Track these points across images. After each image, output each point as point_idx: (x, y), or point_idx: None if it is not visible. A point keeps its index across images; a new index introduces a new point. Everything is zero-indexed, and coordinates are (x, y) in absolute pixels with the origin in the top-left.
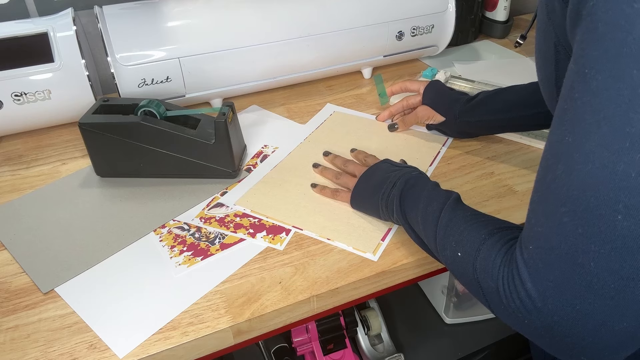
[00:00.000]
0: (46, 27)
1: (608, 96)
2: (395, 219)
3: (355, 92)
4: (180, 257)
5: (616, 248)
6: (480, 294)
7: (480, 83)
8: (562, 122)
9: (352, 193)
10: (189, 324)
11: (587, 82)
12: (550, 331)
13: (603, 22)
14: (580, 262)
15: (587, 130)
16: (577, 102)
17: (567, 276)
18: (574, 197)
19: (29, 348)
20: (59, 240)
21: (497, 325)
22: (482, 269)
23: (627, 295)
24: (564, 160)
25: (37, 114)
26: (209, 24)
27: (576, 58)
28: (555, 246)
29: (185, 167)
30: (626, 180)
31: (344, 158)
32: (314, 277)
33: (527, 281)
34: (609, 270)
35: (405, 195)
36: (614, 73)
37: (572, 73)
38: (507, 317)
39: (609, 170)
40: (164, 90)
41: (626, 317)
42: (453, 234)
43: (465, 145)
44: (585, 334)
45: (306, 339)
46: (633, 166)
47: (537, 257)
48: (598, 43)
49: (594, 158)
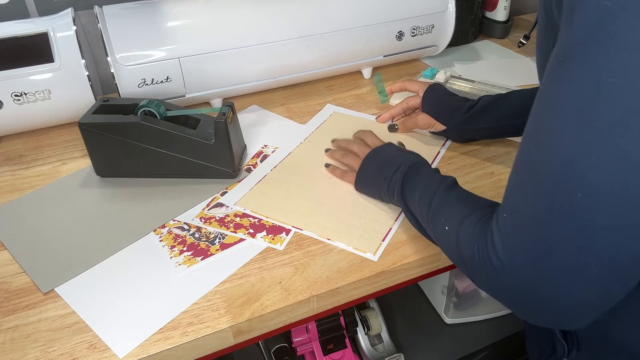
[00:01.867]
0: (46, 27)
1: (580, 82)
2: (396, 200)
3: (355, 92)
4: (180, 257)
5: (573, 221)
6: (461, 262)
7: (480, 83)
8: (540, 104)
9: (357, 174)
10: (189, 324)
11: (562, 67)
12: (516, 292)
13: (579, 16)
14: (542, 230)
15: (560, 112)
16: (553, 85)
17: (531, 242)
18: (543, 172)
19: (29, 348)
20: (59, 240)
21: (497, 325)
22: (463, 238)
23: (581, 264)
24: (537, 139)
25: (37, 114)
26: (209, 24)
27: (556, 49)
28: (522, 216)
29: (185, 167)
30: (587, 160)
31: (346, 139)
32: (314, 277)
33: (498, 245)
34: (566, 240)
35: (407, 180)
36: (585, 62)
37: (552, 62)
38: (483, 281)
39: (574, 149)
40: (164, 90)
41: (581, 284)
42: (443, 211)
43: (465, 145)
44: (546, 296)
45: (306, 339)
46: (594, 149)
47: (507, 224)
48: (574, 34)
49: (563, 138)
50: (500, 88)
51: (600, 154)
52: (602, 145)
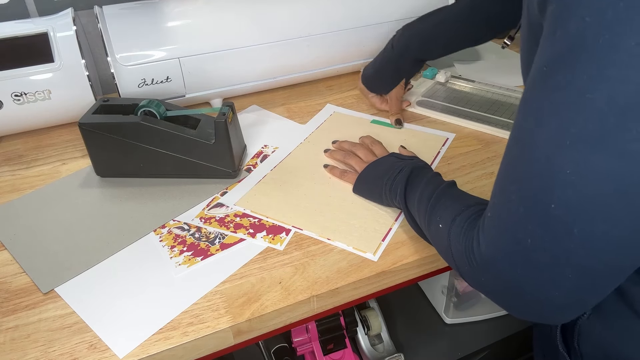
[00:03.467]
0: (46, 27)
1: (561, 96)
2: (397, 202)
3: (355, 92)
4: (180, 257)
5: (548, 231)
6: (451, 259)
7: (480, 83)
8: (524, 109)
9: (358, 176)
10: (189, 324)
11: (545, 78)
12: (499, 288)
13: (562, 29)
14: (520, 237)
15: (538, 122)
16: (535, 93)
17: (511, 246)
18: (522, 179)
19: (29, 348)
20: (59, 240)
21: (497, 325)
22: (453, 235)
23: (557, 270)
24: (519, 144)
25: (37, 114)
26: (209, 24)
27: (540, 52)
28: (503, 218)
29: (185, 167)
30: (562, 174)
31: (351, 142)
32: (314, 277)
33: (482, 243)
34: (543, 248)
35: (409, 182)
36: (568, 77)
37: (535, 66)
38: (470, 277)
39: (550, 162)
40: (164, 90)
41: (557, 289)
42: (439, 210)
43: (465, 145)
44: (524, 296)
45: (306, 339)
46: (569, 164)
47: (490, 225)
48: (556, 46)
49: (541, 149)
50: (500, 88)
51: (574, 169)
52: (576, 160)
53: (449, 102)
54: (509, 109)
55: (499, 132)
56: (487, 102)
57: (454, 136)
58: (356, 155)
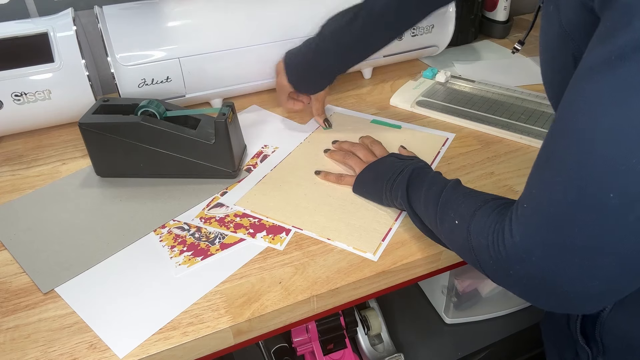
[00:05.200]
0: (46, 27)
1: (632, 84)
2: (399, 202)
3: (355, 92)
4: (180, 257)
5: (600, 218)
6: (470, 253)
7: (480, 83)
8: (576, 100)
9: (357, 177)
10: (189, 324)
11: (614, 66)
12: (531, 280)
13: (638, 17)
14: (565, 227)
15: (601, 113)
16: (598, 83)
17: (552, 236)
18: (573, 169)
19: (29, 348)
20: (59, 240)
21: (497, 325)
22: (475, 229)
23: (600, 261)
24: (572, 136)
25: (37, 114)
26: (209, 24)
27: (603, 39)
28: (545, 209)
29: (185, 167)
30: (627, 164)
31: (351, 142)
32: (314, 277)
33: (516, 234)
34: (590, 236)
35: (411, 182)
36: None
37: (596, 54)
38: (494, 271)
39: (616, 153)
40: (164, 90)
41: (597, 277)
42: (452, 207)
43: (465, 145)
44: (559, 287)
45: (306, 339)
46: (636, 154)
47: (528, 215)
48: (631, 34)
49: (604, 138)
50: (500, 88)
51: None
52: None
53: (449, 102)
54: (509, 109)
55: (499, 132)
56: (487, 102)
57: (454, 136)
58: (356, 155)
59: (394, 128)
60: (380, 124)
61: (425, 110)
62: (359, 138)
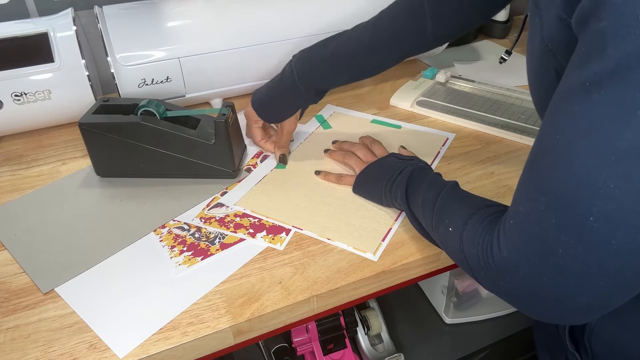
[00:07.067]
0: (46, 27)
1: (608, 111)
2: (398, 203)
3: (355, 92)
4: (180, 257)
5: (583, 242)
6: (464, 262)
7: (480, 83)
8: (555, 119)
9: (357, 177)
10: (189, 324)
11: (588, 92)
12: (520, 292)
13: (614, 47)
14: (550, 246)
15: (579, 135)
16: (574, 106)
17: (537, 254)
18: (554, 190)
19: (29, 348)
20: (59, 240)
21: (497, 325)
22: (467, 238)
23: (587, 277)
24: (552, 155)
25: (37, 114)
26: (209, 24)
27: (579, 63)
28: (530, 227)
29: (185, 167)
30: (604, 189)
31: (351, 142)
32: (314, 277)
33: (504, 249)
34: (574, 258)
35: (410, 183)
36: (616, 92)
37: (573, 77)
38: (486, 280)
39: (592, 177)
40: (164, 90)
41: (585, 294)
42: (447, 213)
43: (465, 145)
44: (546, 300)
45: (306, 339)
46: (613, 179)
47: (514, 232)
48: (604, 61)
49: (580, 162)
50: (500, 88)
51: (618, 184)
52: (621, 175)
53: (449, 102)
54: (509, 109)
55: (499, 132)
56: (487, 102)
57: (454, 136)
58: (356, 155)
59: (394, 128)
60: (380, 123)
61: (425, 110)
62: (359, 138)
